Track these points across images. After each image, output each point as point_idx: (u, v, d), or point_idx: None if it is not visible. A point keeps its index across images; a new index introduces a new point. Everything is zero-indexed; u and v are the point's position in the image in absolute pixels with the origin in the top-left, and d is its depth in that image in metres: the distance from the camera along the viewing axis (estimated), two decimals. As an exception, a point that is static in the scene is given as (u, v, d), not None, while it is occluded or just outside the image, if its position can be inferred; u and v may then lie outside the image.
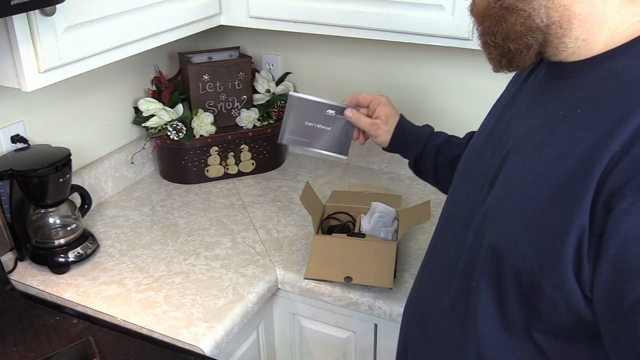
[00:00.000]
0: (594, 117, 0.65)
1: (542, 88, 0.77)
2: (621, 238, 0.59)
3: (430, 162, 1.19)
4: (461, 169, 0.92)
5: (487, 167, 0.80)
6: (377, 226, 1.38)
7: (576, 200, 0.62)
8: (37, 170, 1.28)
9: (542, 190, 0.67)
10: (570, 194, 0.63)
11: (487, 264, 0.74)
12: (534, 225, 0.67)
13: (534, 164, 0.70)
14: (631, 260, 0.59)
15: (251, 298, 1.27)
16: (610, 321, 0.62)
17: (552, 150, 0.68)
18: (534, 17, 0.69)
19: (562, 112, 0.70)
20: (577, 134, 0.66)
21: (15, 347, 1.12)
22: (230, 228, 1.53)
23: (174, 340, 1.15)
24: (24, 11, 0.94)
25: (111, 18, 1.24)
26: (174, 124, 1.68)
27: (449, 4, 1.31)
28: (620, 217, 0.59)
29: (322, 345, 1.41)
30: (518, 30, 0.70)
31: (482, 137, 0.89)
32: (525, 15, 0.69)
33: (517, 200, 0.70)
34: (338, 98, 1.89)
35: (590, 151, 0.63)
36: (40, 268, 1.36)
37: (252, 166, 1.81)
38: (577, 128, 0.66)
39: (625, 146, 0.60)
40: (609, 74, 0.68)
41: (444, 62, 1.67)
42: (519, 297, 0.71)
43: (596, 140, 0.63)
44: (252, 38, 1.91)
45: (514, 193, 0.71)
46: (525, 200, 0.69)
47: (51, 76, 1.14)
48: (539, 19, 0.69)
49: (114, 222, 1.56)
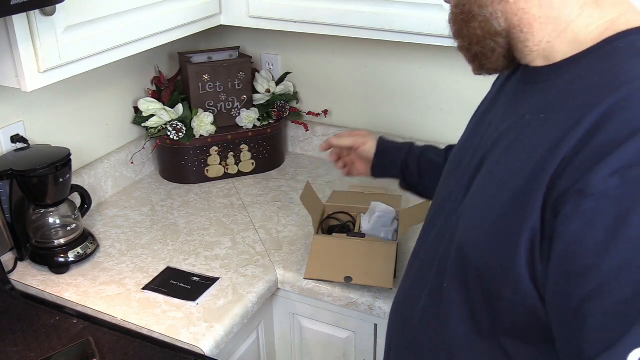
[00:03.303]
0: (555, 121, 0.66)
1: (516, 92, 0.78)
2: (565, 241, 0.60)
3: (414, 167, 1.21)
4: (445, 171, 0.93)
5: (466, 168, 0.81)
6: (377, 226, 1.38)
7: (529, 203, 0.63)
8: (37, 170, 1.28)
9: (503, 194, 0.68)
10: (524, 198, 0.64)
11: (455, 265, 0.75)
12: (494, 228, 0.68)
13: (499, 167, 0.71)
14: (573, 264, 0.59)
15: (251, 298, 1.27)
16: (559, 323, 0.63)
17: (515, 154, 0.69)
18: (492, 21, 0.70)
19: (528, 116, 0.71)
20: (537, 139, 0.66)
21: (15, 347, 1.12)
22: (230, 228, 1.53)
23: (174, 340, 1.15)
24: (24, 11, 0.94)
25: (111, 18, 1.24)
26: (174, 124, 1.68)
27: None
28: (564, 221, 0.60)
29: (322, 345, 1.41)
30: (479, 35, 0.72)
31: (464, 139, 0.90)
32: (483, 20, 0.71)
33: (483, 202, 0.71)
34: (338, 97, 1.90)
35: (544, 156, 0.63)
36: (40, 268, 1.36)
37: (252, 166, 1.81)
38: (538, 132, 0.67)
39: (575, 148, 0.61)
40: (573, 79, 0.68)
41: (444, 62, 1.67)
42: (484, 299, 0.72)
43: (551, 145, 0.63)
44: (252, 38, 1.91)
45: (482, 195, 0.73)
46: (489, 203, 0.70)
47: (51, 76, 1.14)
48: (497, 24, 0.70)
49: (114, 222, 1.56)
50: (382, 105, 1.81)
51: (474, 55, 0.75)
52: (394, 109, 1.80)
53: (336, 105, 1.88)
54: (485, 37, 0.72)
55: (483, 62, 0.75)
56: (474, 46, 0.74)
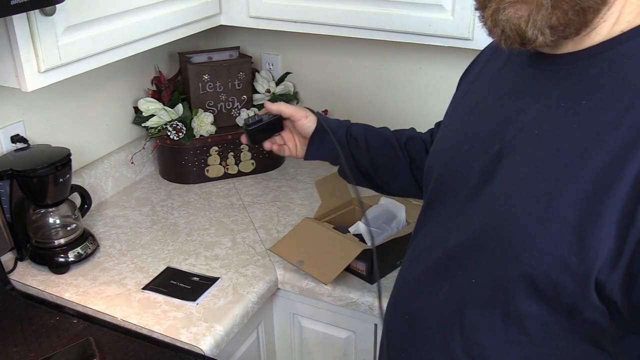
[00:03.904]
0: (603, 107, 0.65)
1: (530, 80, 0.76)
2: None
3: (362, 140, 1.13)
4: (437, 166, 0.90)
5: (476, 160, 0.79)
6: (379, 222, 1.38)
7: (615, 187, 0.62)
8: (37, 170, 1.28)
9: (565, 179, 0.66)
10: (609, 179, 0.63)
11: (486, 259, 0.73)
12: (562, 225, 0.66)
13: (543, 158, 0.69)
14: None
15: (251, 298, 1.27)
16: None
17: (563, 142, 0.68)
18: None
19: (562, 104, 0.70)
20: (591, 126, 0.66)
21: (15, 347, 1.12)
22: (230, 228, 1.53)
23: (174, 340, 1.15)
24: (24, 11, 0.94)
25: (111, 18, 1.24)
26: (174, 124, 1.68)
27: (449, 4, 1.31)
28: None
29: (322, 345, 1.41)
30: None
31: (455, 130, 0.88)
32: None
33: (532, 193, 0.69)
34: (338, 97, 1.90)
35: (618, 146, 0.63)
36: (40, 268, 1.36)
37: (252, 166, 1.81)
38: (588, 119, 0.66)
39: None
40: (612, 66, 0.67)
41: (444, 62, 1.67)
42: (528, 295, 0.70)
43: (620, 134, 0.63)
44: (252, 38, 1.91)
45: (526, 186, 0.70)
46: (543, 194, 0.68)
47: (51, 76, 1.14)
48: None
49: (114, 222, 1.56)
50: (382, 105, 1.81)
51: (580, 9, 0.67)
52: (394, 109, 1.80)
53: (336, 105, 1.88)
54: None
55: (589, 17, 0.67)
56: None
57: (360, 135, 1.14)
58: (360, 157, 1.15)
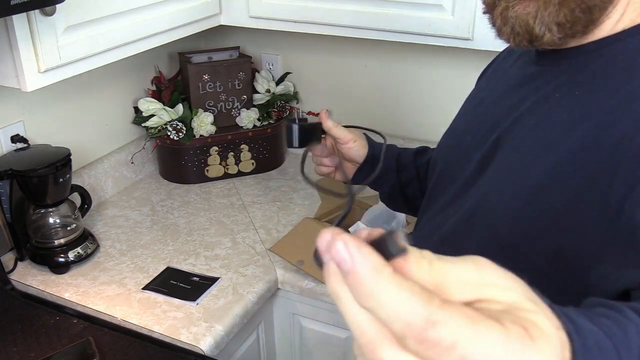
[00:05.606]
0: (593, 98, 0.67)
1: (533, 74, 0.78)
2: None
3: (411, 164, 1.11)
4: (440, 159, 0.92)
5: (471, 152, 0.80)
6: (379, 222, 1.38)
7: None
8: (37, 170, 1.28)
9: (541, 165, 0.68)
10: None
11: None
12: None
13: (531, 145, 0.71)
14: None
15: (251, 298, 1.27)
16: None
17: (550, 131, 0.69)
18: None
19: (557, 94, 0.72)
20: (577, 114, 0.67)
21: (15, 347, 1.12)
22: (230, 228, 1.53)
23: (174, 340, 1.15)
24: (24, 11, 0.94)
25: (111, 18, 1.24)
26: (174, 124, 1.68)
27: (449, 4, 1.31)
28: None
29: (322, 345, 1.41)
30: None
31: (462, 123, 0.90)
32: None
33: (518, 181, 0.71)
34: (338, 97, 1.90)
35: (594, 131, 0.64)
36: (40, 268, 1.36)
37: (252, 166, 1.81)
38: (576, 107, 0.68)
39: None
40: (608, 61, 0.69)
41: (444, 62, 1.67)
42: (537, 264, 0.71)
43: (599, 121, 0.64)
44: (252, 38, 1.91)
45: (514, 173, 0.72)
46: (527, 180, 0.69)
47: (51, 76, 1.14)
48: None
49: (114, 222, 1.56)
50: (382, 105, 1.81)
51: (586, 7, 0.68)
52: (394, 109, 1.80)
53: (336, 105, 1.88)
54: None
55: (595, 15, 0.68)
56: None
57: (409, 163, 1.10)
58: (411, 185, 1.12)
